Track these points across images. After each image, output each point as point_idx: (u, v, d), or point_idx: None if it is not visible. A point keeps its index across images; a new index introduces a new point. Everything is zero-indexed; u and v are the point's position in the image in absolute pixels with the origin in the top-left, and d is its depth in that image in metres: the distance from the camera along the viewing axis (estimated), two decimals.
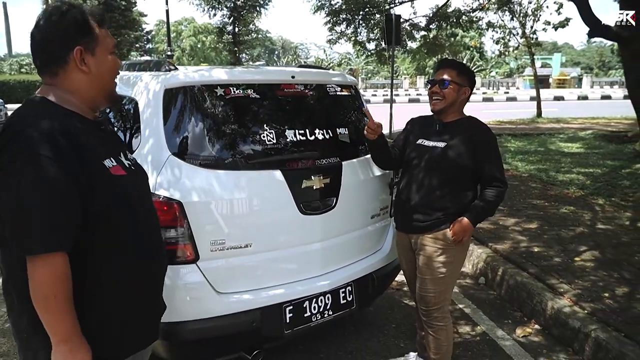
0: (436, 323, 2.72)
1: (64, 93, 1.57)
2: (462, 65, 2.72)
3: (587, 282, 3.83)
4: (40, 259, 1.41)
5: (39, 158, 1.40)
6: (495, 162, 2.61)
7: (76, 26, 1.54)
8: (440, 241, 2.62)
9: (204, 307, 2.41)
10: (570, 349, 3.27)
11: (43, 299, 1.43)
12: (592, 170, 7.91)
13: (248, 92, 2.58)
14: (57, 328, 1.45)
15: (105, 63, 1.62)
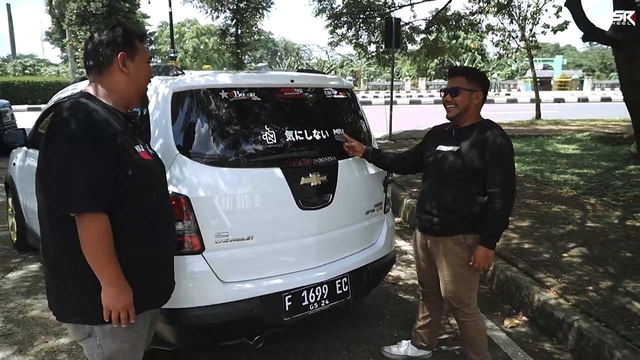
0: (465, 319, 2.87)
1: (105, 89, 1.97)
2: (471, 71, 2.80)
3: (573, 277, 4.01)
4: (89, 217, 1.76)
5: (87, 138, 1.78)
6: (503, 166, 2.64)
7: (122, 37, 1.96)
8: (457, 244, 2.74)
9: (209, 294, 2.60)
10: (555, 339, 3.45)
11: (93, 251, 1.79)
12: (587, 171, 8.08)
13: (250, 95, 2.78)
14: (106, 274, 1.82)
15: (142, 69, 2.03)
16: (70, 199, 1.76)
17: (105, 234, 1.79)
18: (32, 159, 4.43)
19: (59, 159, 1.76)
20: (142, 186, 1.93)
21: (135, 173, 1.89)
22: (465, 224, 2.72)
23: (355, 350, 3.31)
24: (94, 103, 1.90)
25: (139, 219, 1.93)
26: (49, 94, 26.08)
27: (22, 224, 4.84)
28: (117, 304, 1.84)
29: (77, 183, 1.75)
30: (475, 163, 2.65)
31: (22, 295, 4.13)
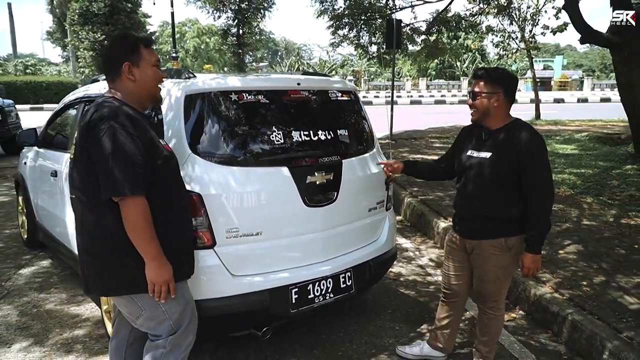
0: (490, 312, 2.94)
1: (121, 93, 2.23)
2: (491, 74, 2.74)
3: (568, 272, 4.15)
4: (134, 200, 2.02)
5: (125, 129, 2.05)
6: (538, 167, 2.63)
7: (128, 47, 2.22)
8: (498, 248, 2.76)
9: (220, 287, 2.75)
10: (550, 331, 3.59)
11: (138, 230, 2.05)
12: (584, 170, 8.21)
13: (259, 98, 2.92)
14: (148, 250, 2.07)
15: (148, 73, 2.26)
16: (115, 184, 1.99)
17: (146, 214, 2.04)
18: (43, 159, 4.57)
19: (103, 149, 2.01)
20: (169, 175, 2.23)
21: (163, 163, 2.17)
22: (505, 228, 2.74)
23: (359, 342, 3.45)
24: (123, 104, 2.16)
25: (169, 203, 2.21)
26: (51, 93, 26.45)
27: (33, 222, 4.98)
28: (159, 277, 2.09)
29: (119, 170, 1.99)
30: (510, 168, 2.65)
31: (34, 290, 4.27)
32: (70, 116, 4.49)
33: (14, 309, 3.90)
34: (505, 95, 2.71)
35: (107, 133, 2.02)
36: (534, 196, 2.65)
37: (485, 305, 2.97)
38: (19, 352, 3.29)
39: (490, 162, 2.71)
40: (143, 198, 2.04)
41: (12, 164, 10.01)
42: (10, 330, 3.57)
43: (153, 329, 2.31)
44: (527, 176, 2.63)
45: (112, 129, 2.02)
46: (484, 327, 3.01)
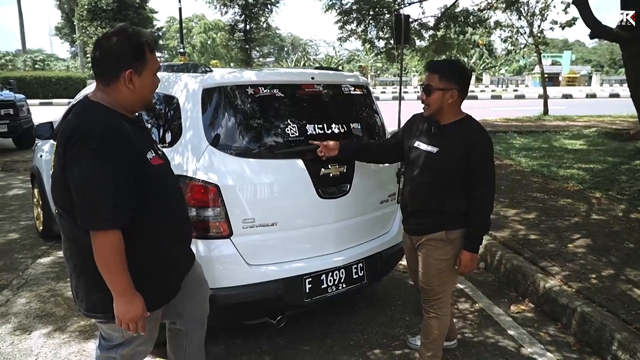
0: (432, 311, 2.86)
1: (111, 99, 1.97)
2: (445, 67, 2.70)
3: (576, 266, 4.19)
4: (102, 233, 1.82)
5: (101, 153, 1.80)
6: (484, 168, 2.62)
7: (132, 52, 1.93)
8: (437, 241, 2.74)
9: (237, 276, 2.81)
10: (559, 323, 3.64)
11: (104, 264, 1.86)
12: (593, 166, 8.23)
13: (274, 92, 2.97)
14: (115, 285, 1.89)
15: (148, 83, 2.01)
16: (88, 216, 1.81)
17: (116, 249, 1.83)
18: None
19: (75, 177, 1.80)
20: (156, 197, 2.00)
21: (150, 183, 1.96)
22: (446, 221, 2.72)
23: (370, 332, 3.52)
24: (107, 114, 1.92)
25: (153, 228, 2.01)
26: (60, 88, 26.56)
27: (49, 214, 5.06)
28: (125, 314, 1.90)
29: (94, 200, 1.79)
30: (456, 164, 2.62)
31: (52, 279, 4.35)
32: None
33: (33, 298, 3.99)
34: (460, 92, 2.65)
35: (79, 157, 1.79)
36: (476, 194, 2.64)
37: (427, 303, 2.89)
38: (39, 338, 3.38)
39: (436, 157, 2.67)
40: (113, 232, 1.82)
41: (24, 158, 10.13)
42: (30, 318, 3.66)
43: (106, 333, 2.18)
44: (475, 174, 2.61)
45: (86, 151, 1.78)
46: (427, 327, 2.91)
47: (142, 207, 1.94)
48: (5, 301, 3.92)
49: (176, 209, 2.17)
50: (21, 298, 3.98)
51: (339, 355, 3.24)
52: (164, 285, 2.13)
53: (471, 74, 2.81)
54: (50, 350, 3.25)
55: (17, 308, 3.81)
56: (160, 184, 2.04)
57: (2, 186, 8.02)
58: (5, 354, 3.20)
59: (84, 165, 1.79)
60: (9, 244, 5.27)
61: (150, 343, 2.26)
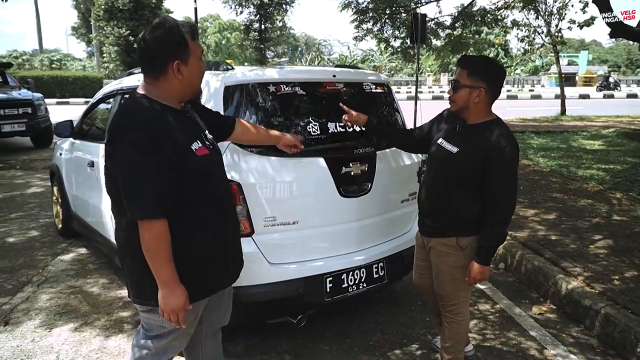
0: (450, 316, 2.78)
1: (161, 92, 2.00)
2: (476, 63, 2.54)
3: (599, 267, 4.13)
4: (147, 223, 1.87)
5: (146, 146, 1.85)
6: (504, 176, 2.45)
7: (176, 43, 1.94)
8: (450, 247, 2.63)
9: (258, 274, 2.81)
10: (582, 325, 3.58)
11: (149, 253, 1.90)
12: (612, 166, 8.12)
13: (296, 89, 2.96)
14: (159, 274, 1.93)
15: (195, 70, 2.03)
16: (132, 206, 1.87)
17: (160, 238, 1.87)
18: (80, 150, 4.68)
19: (122, 167, 1.88)
20: (199, 188, 2.02)
21: (193, 174, 1.98)
22: (458, 227, 2.60)
23: (390, 332, 3.49)
24: (152, 107, 1.95)
25: (196, 219, 2.02)
26: (77, 88, 26.84)
27: (68, 211, 5.10)
28: (167, 305, 1.93)
29: (137, 191, 1.86)
30: (472, 168, 2.48)
31: (72, 276, 4.39)
32: (106, 109, 4.59)
33: (53, 295, 4.02)
34: (488, 91, 2.49)
35: (123, 151, 1.87)
36: (493, 204, 2.48)
37: (444, 308, 2.81)
38: (59, 335, 3.40)
39: (454, 157, 2.54)
40: (158, 222, 1.87)
41: (41, 157, 10.24)
42: (50, 315, 3.68)
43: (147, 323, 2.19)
44: (490, 181, 2.45)
45: (129, 145, 1.85)
46: (446, 332, 2.83)
47: (184, 197, 1.97)
48: (26, 298, 3.96)
49: (220, 201, 2.16)
50: (42, 295, 4.02)
51: (359, 355, 3.21)
52: (205, 278, 2.13)
53: (505, 73, 2.63)
54: (71, 347, 3.27)
55: (38, 305, 3.84)
56: (204, 174, 2.04)
57: (21, 184, 8.11)
58: (26, 351, 3.22)
59: (125, 157, 1.87)
60: (29, 241, 5.32)
61: (185, 339, 2.26)
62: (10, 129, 10.77)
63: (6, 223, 5.94)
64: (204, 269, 2.10)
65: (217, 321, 2.43)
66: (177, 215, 1.94)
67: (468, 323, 2.91)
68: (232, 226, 2.27)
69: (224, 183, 2.25)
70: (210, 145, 2.16)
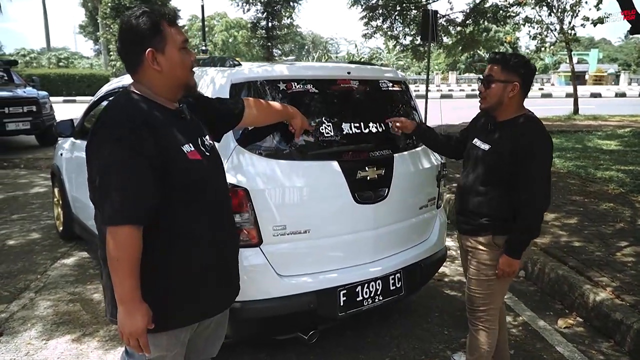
0: (478, 323, 2.66)
1: (144, 87, 1.80)
2: (508, 59, 2.48)
3: (627, 277, 3.88)
4: (114, 228, 1.63)
5: (121, 143, 1.63)
6: (537, 170, 2.40)
7: (148, 30, 1.73)
8: (485, 245, 2.56)
9: (267, 288, 2.59)
10: (612, 340, 3.34)
11: (111, 262, 1.65)
12: (632, 168, 7.84)
13: (308, 87, 2.74)
14: (118, 289, 1.67)
15: (175, 59, 1.78)
16: (100, 208, 1.67)
17: (124, 246, 1.63)
18: (80, 150, 4.49)
19: (95, 164, 1.67)
20: (187, 197, 1.78)
21: (181, 177, 1.75)
22: (495, 225, 2.53)
23: (406, 347, 3.26)
24: (136, 102, 1.76)
25: (181, 231, 1.78)
26: (84, 86, 26.76)
27: (69, 214, 4.92)
28: (124, 326, 1.67)
29: (107, 192, 1.63)
30: (507, 163, 2.43)
31: (71, 283, 4.19)
32: None
33: (52, 302, 3.82)
34: (522, 86, 2.46)
35: (98, 146, 1.67)
36: (525, 198, 2.41)
37: (473, 314, 2.67)
38: (55, 349, 3.20)
39: (487, 155, 2.51)
40: (127, 228, 1.62)
41: (46, 155, 10.08)
42: (48, 324, 3.48)
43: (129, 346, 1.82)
44: (524, 175, 2.40)
45: (105, 141, 1.65)
46: (473, 341, 2.68)
47: (169, 205, 1.72)
48: (23, 306, 3.77)
49: (216, 215, 1.90)
50: (40, 302, 3.82)
51: None
52: (192, 301, 1.84)
53: (536, 69, 2.56)
54: None
55: (35, 313, 3.64)
56: (194, 182, 1.80)
57: (24, 184, 7.94)
58: None
59: (102, 154, 1.65)
60: (29, 244, 5.13)
61: None
62: (15, 127, 10.63)
63: (7, 225, 5.76)
64: (188, 290, 1.82)
65: (205, 352, 2.13)
66: (159, 225, 1.71)
67: (497, 333, 2.71)
68: (229, 246, 2.01)
69: (222, 195, 1.99)
70: (207, 152, 1.91)
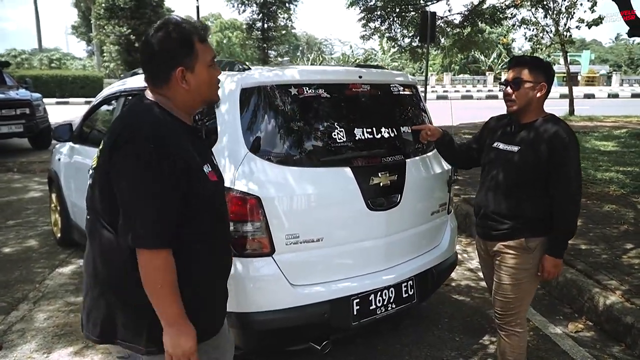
0: (509, 328, 2.63)
1: (165, 99, 1.69)
2: (534, 60, 2.54)
3: (636, 280, 3.85)
4: (153, 252, 1.55)
5: (155, 161, 1.54)
6: (567, 167, 2.41)
7: (179, 47, 1.64)
8: (517, 249, 2.53)
9: (279, 298, 2.52)
10: (623, 344, 3.31)
11: (154, 287, 1.57)
12: (631, 169, 7.85)
13: (319, 92, 2.67)
14: (165, 313, 1.60)
15: (204, 77, 1.70)
16: (136, 229, 1.56)
17: (167, 270, 1.58)
18: (80, 155, 4.41)
19: (125, 181, 1.56)
20: (206, 217, 1.72)
21: (202, 199, 1.68)
22: (526, 228, 2.51)
23: (418, 354, 3.21)
24: (162, 117, 1.66)
25: (198, 252, 1.71)
26: (77, 87, 26.55)
27: (68, 220, 4.83)
28: (177, 347, 1.61)
29: (143, 213, 1.55)
30: (537, 164, 2.44)
31: (70, 292, 4.10)
32: (108, 111, 4.32)
33: (51, 313, 3.73)
34: (548, 86, 2.51)
35: (128, 162, 1.55)
36: (560, 196, 2.44)
37: (503, 319, 2.63)
38: (60, 359, 3.12)
39: (517, 156, 2.50)
40: (164, 251, 1.57)
41: (40, 159, 9.95)
42: (48, 337, 3.39)
43: None
44: (555, 174, 2.43)
45: (136, 156, 1.55)
46: (505, 348, 2.65)
47: (189, 226, 1.65)
48: (21, 317, 3.67)
49: (224, 234, 1.85)
50: (39, 313, 3.73)
51: None
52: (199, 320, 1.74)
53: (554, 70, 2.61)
54: None
55: (34, 325, 3.55)
56: (212, 202, 1.74)
57: (18, 188, 7.82)
58: None
59: (132, 172, 1.55)
60: (26, 252, 5.03)
61: None
62: (8, 130, 10.45)
63: (2, 231, 5.65)
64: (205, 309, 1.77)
65: None
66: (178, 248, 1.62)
67: (527, 336, 2.70)
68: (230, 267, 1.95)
69: (227, 216, 1.93)
70: (217, 172, 1.84)
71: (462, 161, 2.98)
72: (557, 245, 2.50)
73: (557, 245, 2.50)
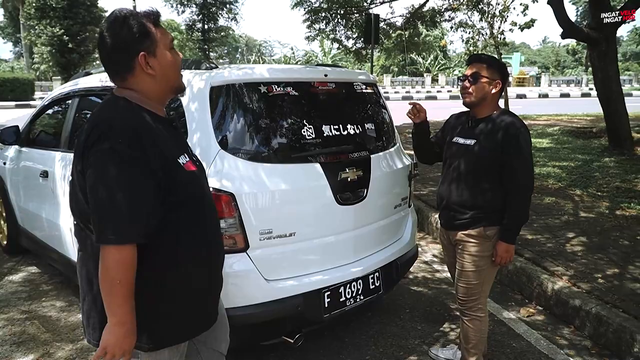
0: (472, 313, 2.79)
1: (136, 94, 1.70)
2: (490, 59, 2.72)
3: (580, 265, 4.12)
4: (112, 248, 1.54)
5: (129, 155, 1.55)
6: (520, 158, 2.57)
7: (136, 34, 1.63)
8: (477, 237, 2.69)
9: (254, 293, 2.56)
10: (572, 326, 3.54)
11: (111, 283, 1.55)
12: (566, 164, 8.31)
13: (288, 90, 2.73)
14: (117, 311, 1.58)
15: (168, 60, 1.70)
16: (102, 225, 1.55)
17: (127, 266, 1.55)
18: (29, 159, 4.25)
19: (97, 178, 1.55)
20: (190, 204, 1.74)
21: (181, 191, 1.69)
22: (485, 217, 2.68)
23: (384, 344, 3.31)
24: (132, 110, 1.67)
25: (181, 245, 1.72)
26: (7, 90, 25.22)
27: (15, 226, 4.63)
28: (117, 347, 1.58)
29: (111, 208, 1.54)
30: (493, 155, 2.60)
31: (24, 300, 3.95)
32: (59, 112, 4.19)
33: (6, 322, 3.58)
34: (503, 84, 2.69)
35: (101, 158, 1.55)
36: (513, 185, 2.62)
37: (465, 305, 2.81)
38: None
39: (474, 149, 2.67)
40: (126, 248, 1.54)
41: None
42: (6, 345, 3.27)
43: None
44: (510, 165, 2.59)
45: (109, 152, 1.54)
46: (467, 331, 2.83)
47: (171, 220, 1.66)
48: None
49: (210, 223, 1.85)
50: None
51: None
52: (194, 314, 1.80)
53: None
54: None
55: None
56: (193, 193, 1.75)
57: None
58: None
59: (100, 168, 1.55)
60: None
61: None
62: None
63: None
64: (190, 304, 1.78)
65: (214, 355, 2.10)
66: (158, 240, 1.64)
67: (487, 319, 2.89)
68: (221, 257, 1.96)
69: (212, 204, 1.91)
70: (197, 161, 1.86)
71: (429, 153, 3.09)
72: (510, 232, 2.67)
73: (510, 231, 2.67)
